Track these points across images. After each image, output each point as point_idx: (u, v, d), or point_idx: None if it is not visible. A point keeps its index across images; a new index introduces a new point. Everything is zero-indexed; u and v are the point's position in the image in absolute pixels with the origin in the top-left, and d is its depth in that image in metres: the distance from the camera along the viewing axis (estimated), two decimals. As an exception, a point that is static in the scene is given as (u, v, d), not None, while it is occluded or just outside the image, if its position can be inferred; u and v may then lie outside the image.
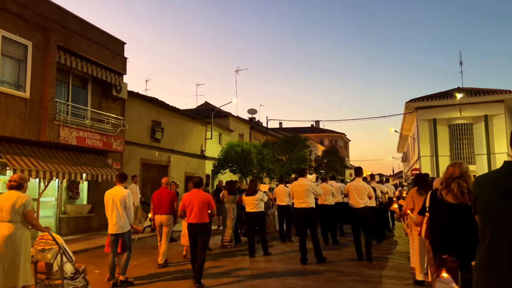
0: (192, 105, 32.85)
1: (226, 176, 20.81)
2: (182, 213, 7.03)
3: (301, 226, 8.41)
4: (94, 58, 13.05)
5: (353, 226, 8.75)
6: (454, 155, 24.39)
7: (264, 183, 20.45)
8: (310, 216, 8.24)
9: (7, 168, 10.55)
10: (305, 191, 8.19)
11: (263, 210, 9.59)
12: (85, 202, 13.82)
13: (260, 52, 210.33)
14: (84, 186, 13.87)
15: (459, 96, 23.60)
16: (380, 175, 45.62)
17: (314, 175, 11.61)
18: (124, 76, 14.80)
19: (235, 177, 21.15)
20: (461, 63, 28.61)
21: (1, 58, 10.20)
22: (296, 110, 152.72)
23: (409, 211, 6.18)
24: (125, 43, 14.92)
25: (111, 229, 6.55)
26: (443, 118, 25.00)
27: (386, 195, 11.83)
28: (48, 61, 11.23)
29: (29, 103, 10.78)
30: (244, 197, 9.57)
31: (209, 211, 6.84)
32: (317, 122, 58.26)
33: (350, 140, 67.93)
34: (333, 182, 12.20)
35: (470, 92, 25.04)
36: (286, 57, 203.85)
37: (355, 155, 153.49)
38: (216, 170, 22.14)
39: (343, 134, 62.73)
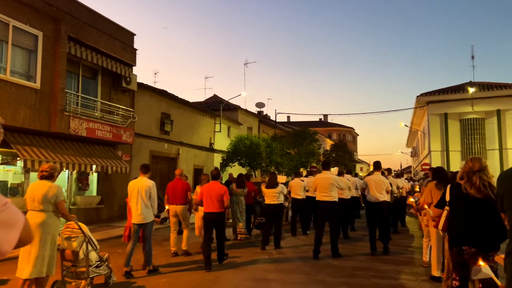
0: (201, 98, 32.77)
1: (235, 169, 20.74)
2: (199, 202, 7.49)
3: (321, 219, 8.33)
4: (104, 49, 12.98)
5: (368, 219, 8.64)
6: (465, 150, 24.05)
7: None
8: (332, 210, 8.15)
9: (18, 158, 10.55)
10: (329, 185, 8.13)
11: (282, 202, 9.54)
12: (94, 193, 13.84)
13: (268, 45, 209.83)
14: (93, 178, 13.89)
15: (471, 90, 23.19)
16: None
17: (336, 168, 11.54)
18: (133, 67, 14.74)
19: (243, 170, 21.08)
20: (472, 57, 28.05)
21: (12, 48, 10.16)
22: (304, 104, 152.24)
23: (426, 206, 6.02)
24: (135, 35, 14.84)
25: (136, 219, 6.58)
26: (455, 113, 24.60)
27: (402, 190, 11.69)
28: (58, 52, 11.18)
29: (40, 93, 10.74)
30: (264, 189, 9.50)
31: (225, 204, 7.23)
32: (326, 116, 57.73)
33: (358, 135, 67.61)
34: (349, 176, 12.09)
35: (483, 86, 24.57)
36: (294, 51, 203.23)
37: (364, 150, 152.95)
38: (224, 163, 22.08)
39: (352, 128, 62.41)
